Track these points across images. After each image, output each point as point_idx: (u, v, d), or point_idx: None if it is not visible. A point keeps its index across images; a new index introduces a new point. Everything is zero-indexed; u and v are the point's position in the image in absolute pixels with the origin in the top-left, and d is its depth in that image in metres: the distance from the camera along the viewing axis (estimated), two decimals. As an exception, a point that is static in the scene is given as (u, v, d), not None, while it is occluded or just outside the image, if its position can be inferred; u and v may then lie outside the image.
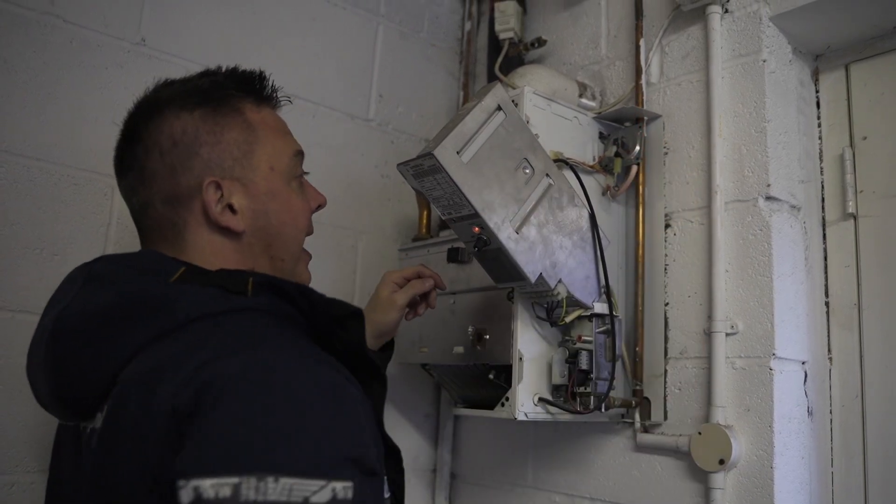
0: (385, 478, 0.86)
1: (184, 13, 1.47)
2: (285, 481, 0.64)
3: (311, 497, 0.65)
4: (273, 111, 1.00)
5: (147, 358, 0.77)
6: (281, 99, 1.02)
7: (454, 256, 1.37)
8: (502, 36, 1.65)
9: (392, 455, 0.90)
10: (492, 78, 1.72)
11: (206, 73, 0.98)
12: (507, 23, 1.64)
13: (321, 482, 0.66)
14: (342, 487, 0.67)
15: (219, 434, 0.66)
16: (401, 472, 0.94)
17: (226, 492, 0.63)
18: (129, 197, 0.94)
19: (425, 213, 1.58)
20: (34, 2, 1.31)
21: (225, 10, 1.53)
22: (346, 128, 1.67)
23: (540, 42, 1.62)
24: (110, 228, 1.36)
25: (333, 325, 0.87)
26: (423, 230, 1.58)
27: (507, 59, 1.66)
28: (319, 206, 1.04)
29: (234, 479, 0.63)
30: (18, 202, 1.27)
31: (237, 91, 0.95)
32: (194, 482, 0.64)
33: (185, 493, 0.64)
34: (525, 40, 1.67)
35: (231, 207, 0.91)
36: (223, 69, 0.99)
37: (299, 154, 1.00)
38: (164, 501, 0.66)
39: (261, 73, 0.99)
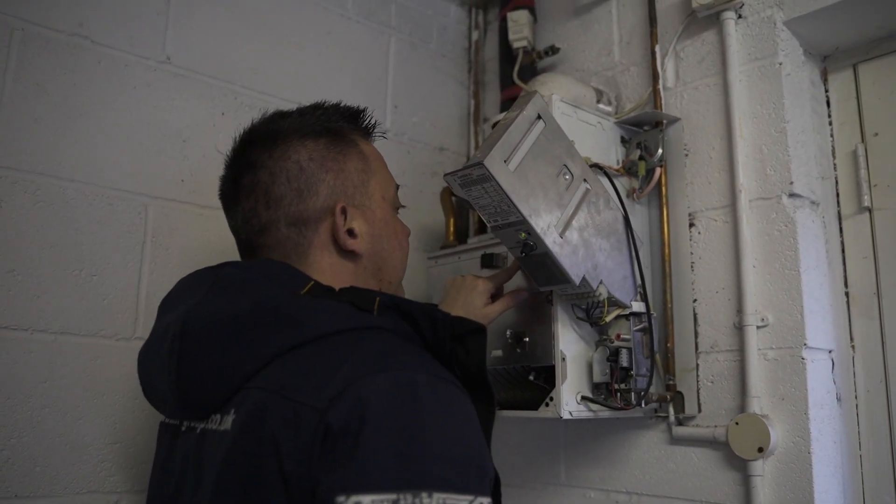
0: None
1: (205, 31, 1.49)
2: (438, 496, 0.69)
3: None
4: (373, 145, 1.08)
5: (282, 368, 0.79)
6: (377, 135, 1.10)
7: (488, 262, 1.40)
8: (516, 45, 1.69)
9: (496, 482, 0.88)
10: (505, 87, 1.76)
11: (317, 107, 1.03)
12: (520, 31, 1.68)
13: (470, 497, 0.71)
14: (487, 502, 0.72)
15: (375, 452, 0.69)
16: (499, 503, 0.92)
17: None
18: (248, 219, 0.97)
19: (452, 220, 1.61)
20: (63, 23, 1.32)
21: (245, 27, 1.55)
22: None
23: (553, 50, 1.67)
24: (146, 247, 1.37)
25: (454, 344, 0.89)
26: (451, 237, 1.60)
27: (521, 67, 1.69)
28: (408, 236, 1.10)
29: (393, 496, 0.67)
30: (55, 224, 1.27)
31: (347, 124, 1.02)
32: (354, 498, 0.67)
33: None
34: (537, 48, 1.70)
35: (351, 232, 0.96)
36: (327, 103, 1.05)
37: (398, 188, 1.09)
38: None
39: (364, 108, 1.06)
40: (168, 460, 0.94)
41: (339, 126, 1.02)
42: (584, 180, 1.23)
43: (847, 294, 1.39)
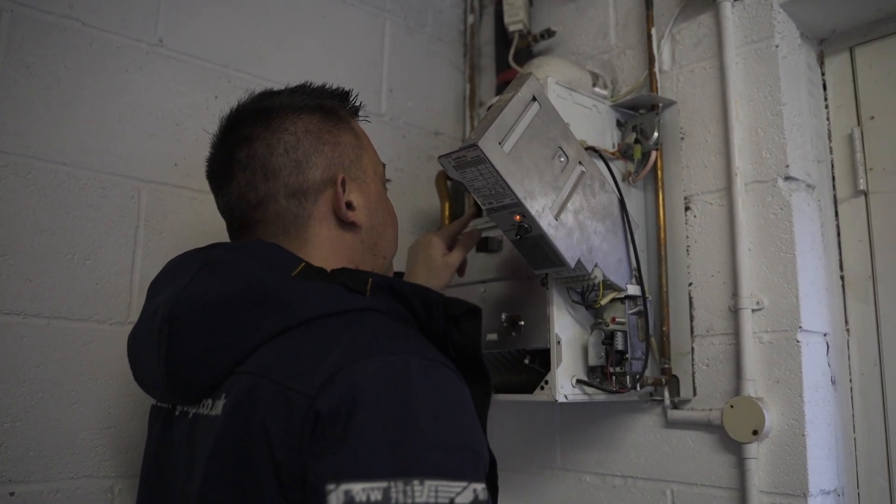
0: None
1: (198, 13, 1.47)
2: (431, 483, 0.68)
3: (456, 498, 0.68)
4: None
5: (272, 352, 0.79)
6: (362, 117, 1.10)
7: (483, 246, 1.39)
8: (512, 28, 1.67)
9: (492, 467, 0.86)
10: (500, 71, 1.75)
11: (306, 86, 1.03)
12: (516, 15, 1.67)
13: (463, 483, 0.69)
14: (482, 489, 0.71)
15: (366, 439, 0.68)
16: (496, 487, 0.91)
17: (376, 496, 0.66)
18: (244, 193, 0.95)
19: (447, 204, 1.61)
20: (54, 5, 1.30)
21: (239, 10, 1.53)
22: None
23: (549, 33, 1.65)
24: (139, 231, 1.36)
25: (448, 325, 0.88)
26: (447, 221, 1.60)
27: (516, 51, 1.68)
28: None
29: (384, 483, 0.66)
30: (47, 208, 1.26)
31: (337, 103, 1.03)
32: (345, 486, 0.66)
33: (335, 497, 0.66)
34: (533, 32, 1.69)
35: (350, 204, 0.96)
36: (313, 84, 1.04)
37: (384, 166, 1.09)
38: (286, 495, 0.69)
39: (350, 90, 1.07)
40: (161, 445, 0.93)
41: (331, 103, 1.02)
42: (580, 163, 1.22)
43: (842, 277, 1.39)
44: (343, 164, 0.98)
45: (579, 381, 1.27)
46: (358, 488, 0.66)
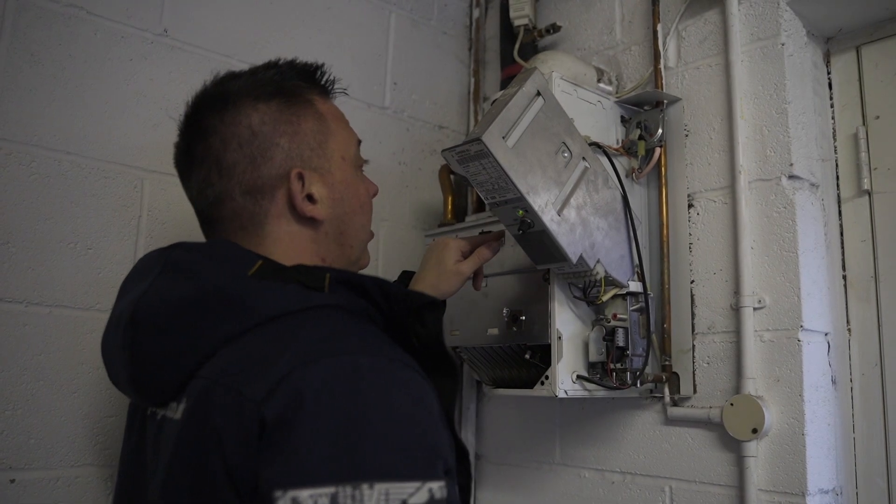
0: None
1: (203, 4, 1.47)
2: (380, 486, 0.66)
3: (409, 499, 0.67)
4: (333, 102, 1.02)
5: (229, 355, 0.77)
6: (337, 91, 1.04)
7: (486, 240, 1.39)
8: (517, 22, 1.67)
9: (461, 458, 0.85)
10: (505, 65, 1.74)
11: (270, 66, 0.98)
12: (521, 9, 1.66)
13: (416, 483, 0.68)
14: (438, 487, 0.69)
15: (312, 444, 0.67)
16: (469, 476, 0.90)
17: (324, 502, 0.64)
18: (202, 189, 0.93)
19: (450, 198, 1.61)
20: (59, -6, 1.30)
21: (242, 1, 1.53)
22: (363, 115, 1.68)
23: (555, 28, 1.65)
24: (141, 220, 1.36)
25: (409, 318, 0.86)
26: (449, 216, 1.60)
27: (521, 45, 1.68)
28: (374, 195, 1.06)
29: (331, 489, 0.65)
30: (50, 196, 1.26)
31: (303, 82, 0.97)
32: (291, 493, 0.65)
33: None
34: (539, 27, 1.69)
35: (310, 197, 0.92)
36: (282, 61, 0.99)
37: (359, 143, 1.03)
38: (244, 502, 0.69)
39: (321, 65, 1.01)
40: (140, 445, 0.91)
41: (294, 85, 0.96)
42: (583, 158, 1.22)
43: (844, 277, 1.39)
44: (302, 156, 0.93)
45: (580, 377, 1.28)
46: (305, 495, 0.65)
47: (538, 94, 1.17)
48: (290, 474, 0.66)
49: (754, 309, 1.30)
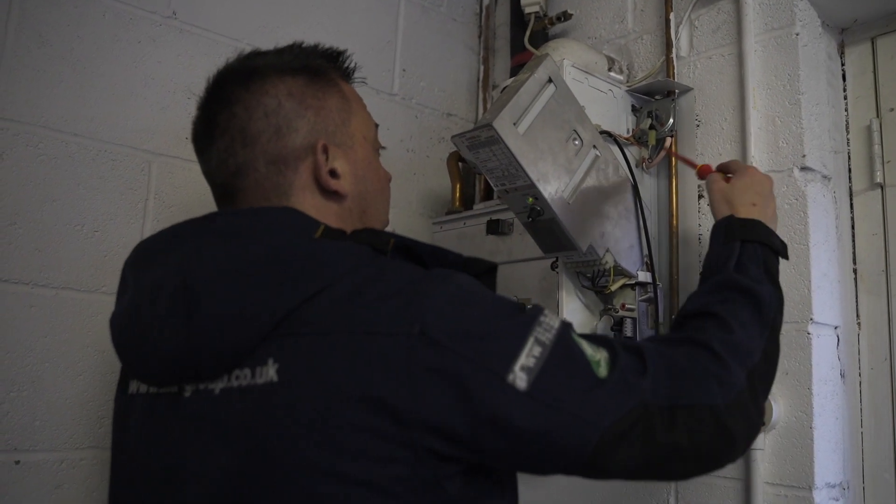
0: None
1: (213, -14, 1.46)
2: (542, 318, 0.78)
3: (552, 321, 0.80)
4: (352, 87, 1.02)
5: (319, 308, 0.77)
6: (356, 79, 1.04)
7: (494, 228, 1.38)
8: (528, 10, 1.65)
9: None
10: (515, 53, 1.73)
11: (295, 47, 0.98)
12: (532, -3, 1.65)
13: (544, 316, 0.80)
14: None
15: (487, 336, 0.74)
16: None
17: (535, 351, 0.75)
18: (223, 160, 0.91)
19: (458, 185, 1.60)
20: (67, -26, 1.29)
21: (253, -16, 1.52)
22: (371, 102, 1.66)
23: (566, 16, 1.63)
24: (148, 203, 1.36)
25: None
26: (457, 203, 1.59)
27: (532, 33, 1.66)
28: (388, 182, 1.05)
29: (530, 339, 0.75)
30: (57, 178, 1.26)
31: (327, 64, 0.97)
32: (511, 374, 0.73)
33: (516, 378, 0.73)
34: (549, 14, 1.67)
35: (334, 172, 0.91)
36: (304, 43, 0.99)
37: (377, 128, 1.03)
38: (412, 436, 0.72)
39: (344, 50, 1.01)
40: (155, 434, 0.85)
41: (319, 64, 0.96)
42: (594, 146, 1.21)
43: (855, 271, 1.38)
44: (327, 130, 0.92)
45: (586, 367, 1.27)
46: (518, 366, 0.73)
47: (550, 80, 1.16)
48: (496, 362, 0.73)
49: (764, 301, 1.29)
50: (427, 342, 0.72)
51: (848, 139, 1.41)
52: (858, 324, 1.37)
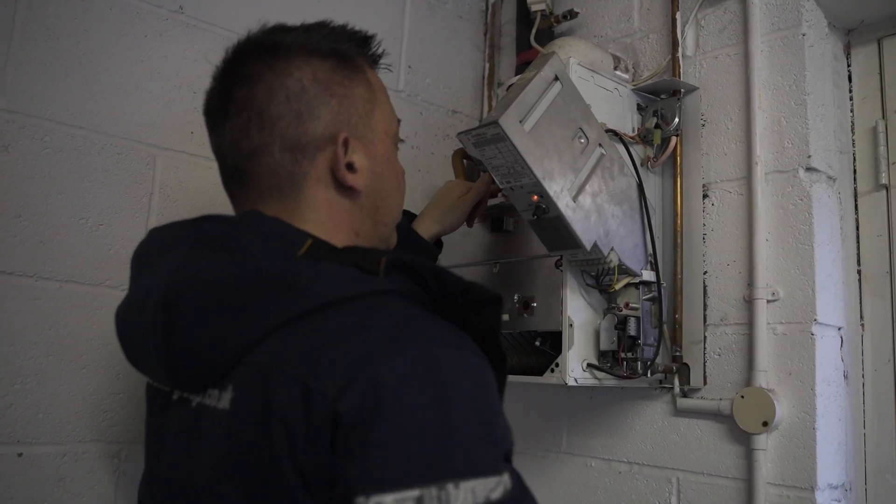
0: None
1: (219, -19, 1.46)
2: (466, 485, 0.63)
3: (491, 495, 0.64)
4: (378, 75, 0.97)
5: (284, 342, 0.72)
6: (382, 65, 0.98)
7: (498, 226, 1.38)
8: (534, 8, 1.65)
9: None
10: (521, 50, 1.73)
11: (324, 25, 0.92)
12: (539, -6, 1.65)
13: (497, 477, 0.65)
14: (508, 478, 0.67)
15: (393, 445, 0.64)
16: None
17: None
18: (236, 140, 0.86)
19: (463, 183, 1.59)
20: (74, -33, 1.29)
21: (259, -21, 1.52)
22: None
23: (572, 14, 1.63)
24: (153, 198, 1.35)
25: (466, 309, 0.80)
26: (461, 200, 1.59)
27: (538, 31, 1.66)
28: (403, 176, 1.01)
29: (416, 492, 0.62)
30: (63, 171, 1.26)
31: (356, 49, 0.92)
32: (375, 498, 0.62)
33: None
34: (556, 12, 1.67)
35: (351, 166, 0.87)
36: (333, 23, 0.93)
37: (399, 122, 0.98)
38: (314, 496, 0.66)
39: (374, 34, 0.95)
40: (161, 428, 0.87)
41: (348, 49, 0.90)
42: (600, 145, 1.21)
43: (859, 272, 1.38)
44: (349, 122, 0.87)
45: (590, 366, 1.27)
46: (389, 500, 0.61)
47: (556, 78, 1.16)
48: (372, 479, 0.63)
49: (768, 301, 1.29)
50: (335, 414, 0.65)
51: (853, 140, 1.41)
52: (862, 325, 1.37)
